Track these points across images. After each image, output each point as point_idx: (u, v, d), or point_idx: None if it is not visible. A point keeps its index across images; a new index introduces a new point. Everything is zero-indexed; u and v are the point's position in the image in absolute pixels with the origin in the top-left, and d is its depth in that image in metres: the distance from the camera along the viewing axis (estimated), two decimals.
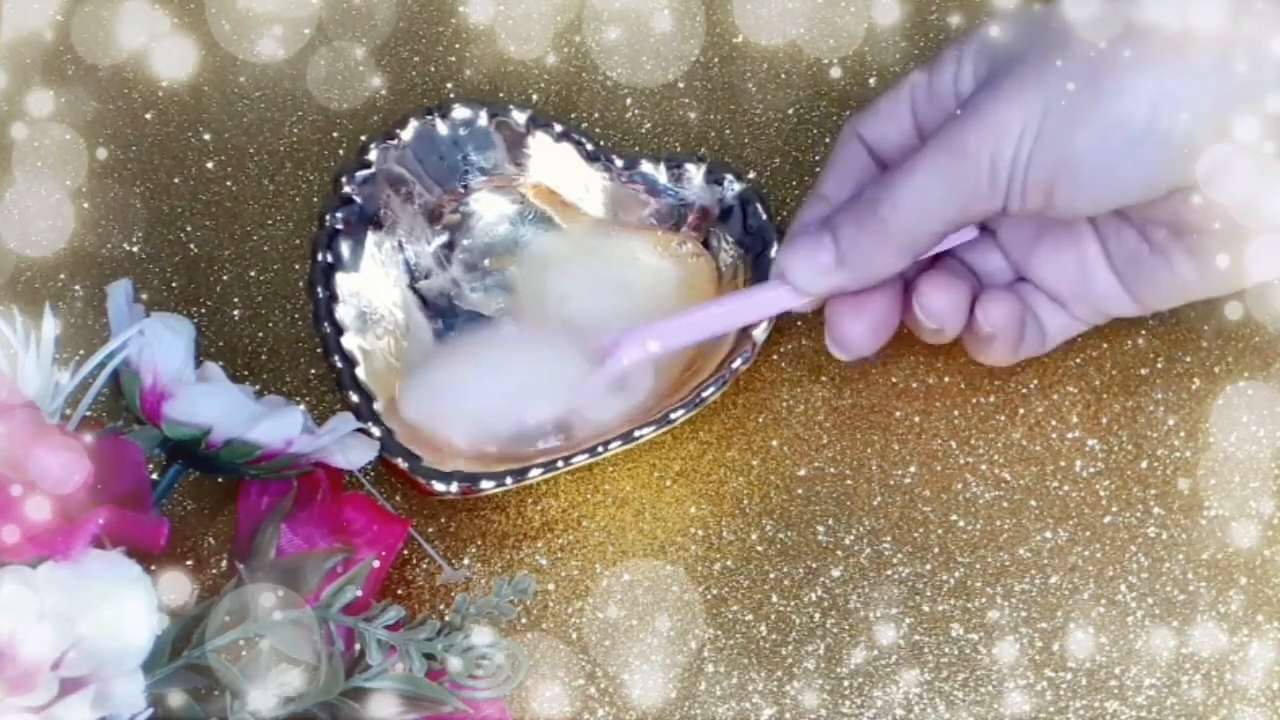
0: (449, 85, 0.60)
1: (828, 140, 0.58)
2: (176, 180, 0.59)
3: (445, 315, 0.54)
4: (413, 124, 0.54)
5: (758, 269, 0.53)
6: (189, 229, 0.58)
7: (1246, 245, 0.45)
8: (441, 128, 0.55)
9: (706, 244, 0.54)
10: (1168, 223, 0.46)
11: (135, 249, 0.58)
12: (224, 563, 0.52)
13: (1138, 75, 0.42)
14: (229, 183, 0.59)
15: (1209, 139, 0.42)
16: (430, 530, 0.53)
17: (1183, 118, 0.42)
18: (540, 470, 0.50)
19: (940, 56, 0.48)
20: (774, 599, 0.52)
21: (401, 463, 0.50)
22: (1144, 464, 0.53)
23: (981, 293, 0.49)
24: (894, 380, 0.54)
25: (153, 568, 0.41)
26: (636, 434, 0.50)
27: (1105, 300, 0.50)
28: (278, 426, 0.46)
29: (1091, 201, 0.45)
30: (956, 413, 0.54)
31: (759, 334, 0.51)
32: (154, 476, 0.48)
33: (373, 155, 0.54)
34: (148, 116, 0.60)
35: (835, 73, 0.59)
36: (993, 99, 0.44)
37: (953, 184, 0.45)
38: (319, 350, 0.52)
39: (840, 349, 0.50)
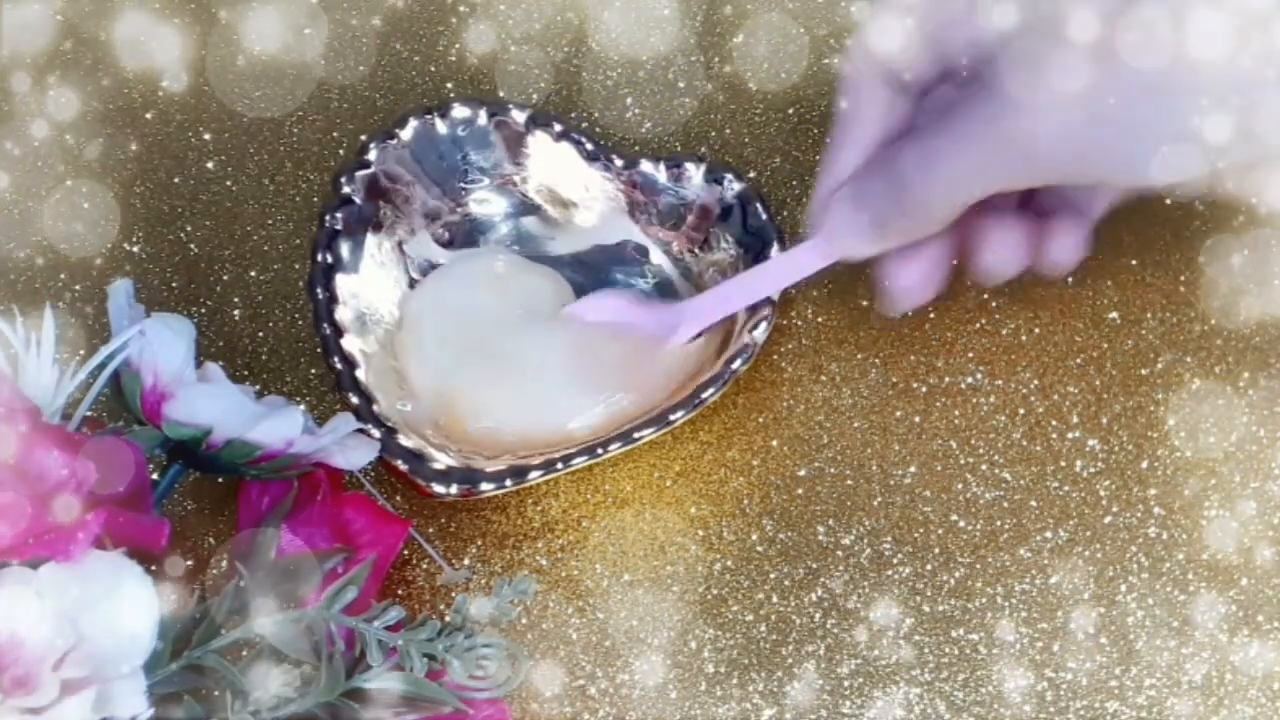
0: (449, 85, 0.60)
1: (828, 140, 0.58)
2: (176, 180, 0.59)
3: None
4: (412, 124, 0.54)
5: None
6: (189, 229, 0.58)
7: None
8: (441, 127, 0.55)
9: (706, 243, 0.54)
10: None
11: (135, 249, 0.58)
12: (224, 563, 0.52)
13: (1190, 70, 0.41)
14: (229, 183, 0.59)
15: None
16: (430, 530, 0.53)
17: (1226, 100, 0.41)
18: (540, 471, 0.50)
19: None
20: (774, 599, 0.52)
21: (401, 464, 0.50)
22: (1144, 464, 0.53)
23: (1049, 227, 0.48)
24: (894, 380, 0.54)
25: (153, 568, 0.41)
26: (636, 435, 0.50)
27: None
28: (278, 427, 0.46)
29: (1141, 183, 0.44)
30: (956, 413, 0.54)
31: (759, 334, 0.51)
32: (154, 477, 0.48)
33: (372, 155, 0.54)
34: (148, 116, 0.60)
35: (834, 71, 0.59)
36: (1029, 84, 0.43)
37: (987, 169, 0.44)
38: (319, 351, 0.52)
39: (900, 302, 0.49)
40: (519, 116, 0.54)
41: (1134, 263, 0.55)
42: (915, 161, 0.45)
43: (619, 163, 0.54)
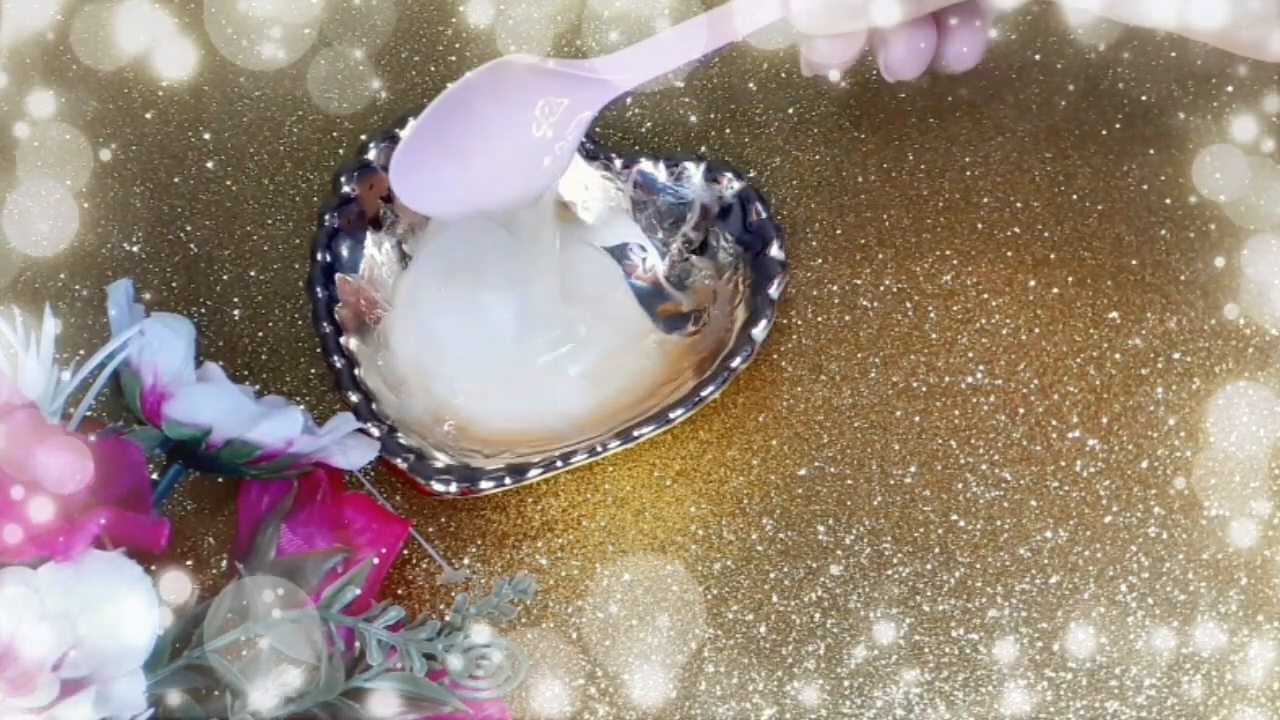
0: (449, 85, 0.60)
1: (828, 140, 0.58)
2: (176, 180, 0.59)
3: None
4: (412, 124, 0.54)
5: (757, 267, 0.53)
6: (189, 229, 0.58)
7: None
8: None
9: (706, 243, 0.54)
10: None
11: (135, 249, 0.58)
12: (224, 563, 0.52)
13: None
14: (229, 183, 0.59)
15: None
16: (430, 530, 0.53)
17: None
18: (540, 470, 0.50)
19: None
20: (774, 599, 0.52)
21: (401, 463, 0.50)
22: (1144, 464, 0.53)
23: (947, 29, 0.46)
24: (894, 380, 0.54)
25: (153, 568, 0.41)
26: (636, 434, 0.50)
27: None
28: (278, 426, 0.46)
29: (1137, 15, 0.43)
30: (956, 413, 0.54)
31: (759, 333, 0.51)
32: (154, 476, 0.48)
33: (372, 155, 0.54)
34: (148, 116, 0.60)
35: (835, 73, 0.59)
36: None
37: None
38: (319, 350, 0.52)
39: (896, 71, 0.47)
40: None
41: (1134, 263, 0.55)
42: None
43: (619, 162, 0.54)
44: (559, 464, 0.50)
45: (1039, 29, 0.59)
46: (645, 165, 0.54)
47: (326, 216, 0.53)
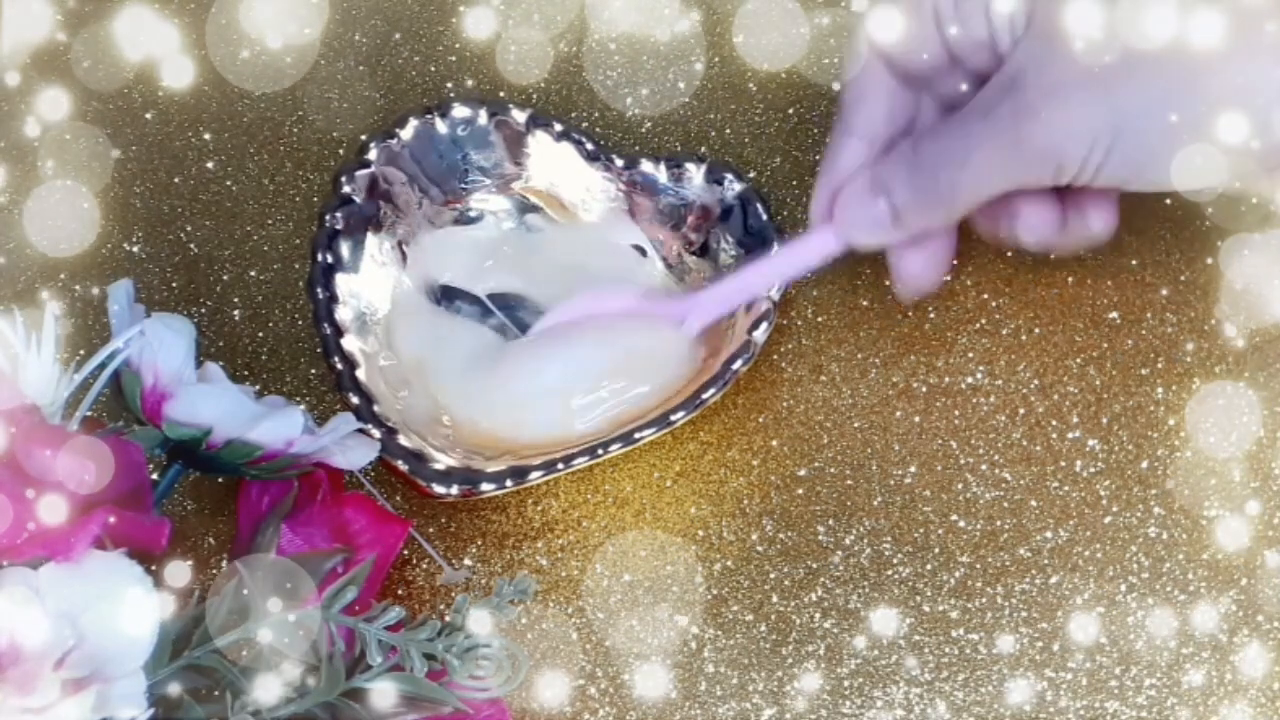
0: (449, 85, 0.60)
1: (828, 140, 0.58)
2: (176, 180, 0.59)
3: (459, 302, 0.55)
4: (412, 123, 0.54)
5: None
6: (189, 229, 0.58)
7: None
8: (441, 127, 0.55)
9: (706, 244, 0.54)
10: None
11: (135, 249, 0.58)
12: (224, 563, 0.52)
13: (1211, 79, 0.42)
14: (229, 183, 0.59)
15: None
16: (430, 530, 0.53)
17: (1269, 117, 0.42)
18: (540, 471, 0.50)
19: None
20: (774, 599, 0.52)
21: (401, 464, 0.50)
22: (1144, 464, 0.53)
23: (1084, 201, 0.48)
24: (894, 380, 0.54)
25: (153, 568, 0.41)
26: (637, 435, 0.50)
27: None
28: (278, 427, 0.46)
29: (1162, 189, 0.45)
30: (956, 413, 0.54)
31: (759, 334, 0.51)
32: (154, 476, 0.48)
33: (372, 155, 0.54)
34: (148, 116, 0.60)
35: (834, 70, 0.59)
36: (1059, 104, 0.43)
37: (1014, 171, 0.45)
38: (319, 351, 0.52)
39: (910, 288, 0.50)
40: (519, 116, 0.54)
41: (1134, 263, 0.55)
42: (940, 154, 0.46)
43: (619, 163, 0.54)
44: (560, 466, 0.50)
45: None
46: (645, 166, 0.54)
47: (327, 216, 0.53)
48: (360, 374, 0.51)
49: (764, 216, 0.53)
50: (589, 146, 0.54)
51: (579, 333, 0.53)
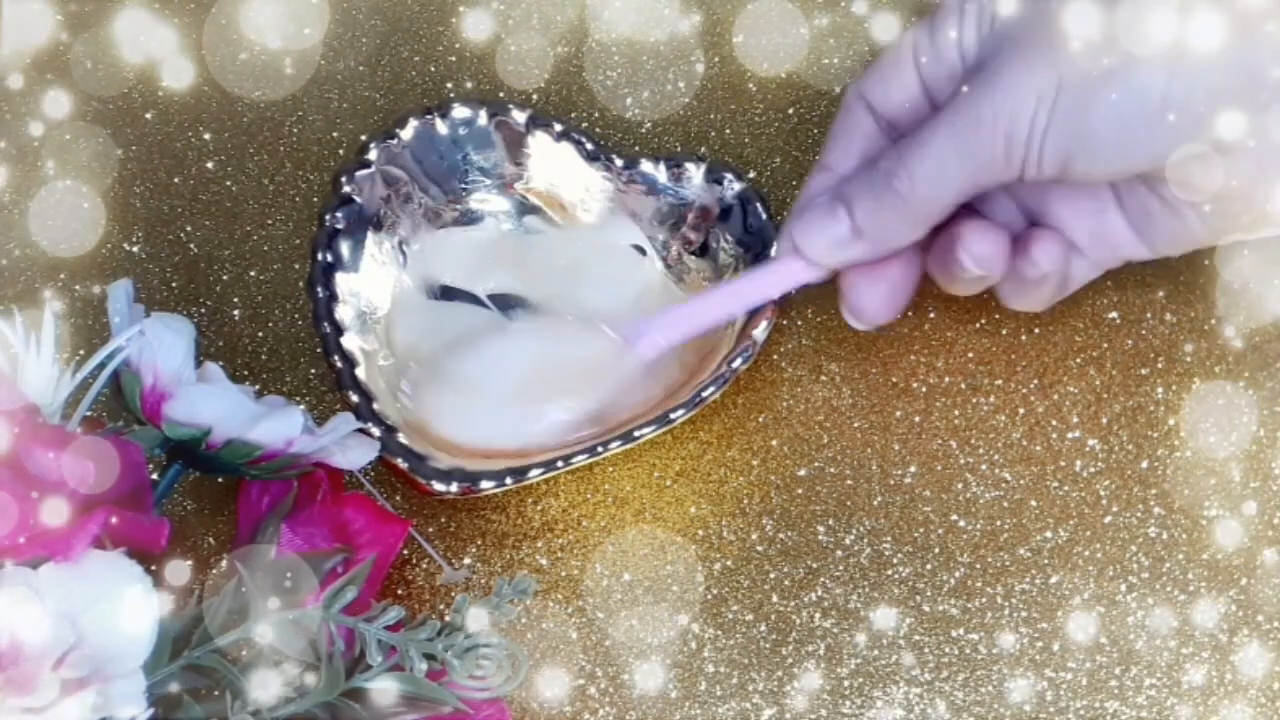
0: (449, 85, 0.60)
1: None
2: (176, 180, 0.59)
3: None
4: (412, 123, 0.54)
5: None
6: (189, 229, 0.58)
7: (1252, 203, 0.45)
8: (441, 127, 0.55)
9: (706, 244, 0.54)
10: (1177, 181, 0.46)
11: (135, 249, 0.58)
12: (224, 563, 0.52)
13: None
14: (229, 183, 0.59)
15: (1223, 109, 0.42)
16: (430, 530, 0.53)
17: (1199, 88, 0.42)
18: (540, 470, 0.50)
19: (940, 11, 0.47)
20: (774, 599, 0.52)
21: (401, 463, 0.50)
22: (1144, 464, 0.53)
23: (1029, 235, 0.48)
24: (894, 380, 0.54)
25: (153, 568, 0.41)
26: (636, 434, 0.50)
27: (1120, 246, 0.49)
28: (278, 426, 0.46)
29: (1108, 171, 0.45)
30: (956, 413, 0.54)
31: (759, 334, 0.51)
32: (154, 476, 0.48)
33: (372, 155, 0.54)
34: (148, 116, 0.60)
35: (834, 71, 0.59)
36: (1006, 71, 0.44)
37: (968, 155, 0.45)
38: (319, 350, 0.52)
39: (858, 319, 0.50)
40: (519, 116, 0.54)
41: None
42: (898, 152, 0.46)
43: (619, 163, 0.54)
44: (559, 464, 0.50)
45: None
46: (645, 166, 0.54)
47: (327, 216, 0.53)
48: (360, 372, 0.51)
49: (764, 216, 0.53)
50: (589, 147, 0.54)
51: (519, 340, 0.53)
